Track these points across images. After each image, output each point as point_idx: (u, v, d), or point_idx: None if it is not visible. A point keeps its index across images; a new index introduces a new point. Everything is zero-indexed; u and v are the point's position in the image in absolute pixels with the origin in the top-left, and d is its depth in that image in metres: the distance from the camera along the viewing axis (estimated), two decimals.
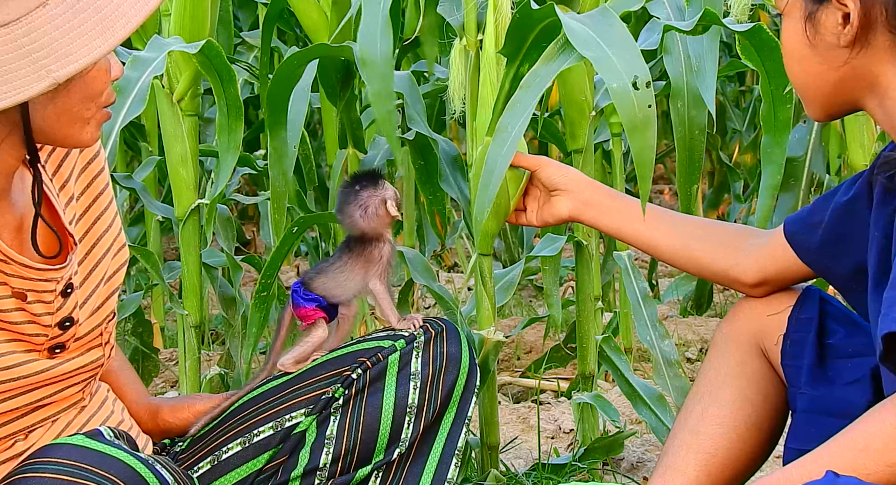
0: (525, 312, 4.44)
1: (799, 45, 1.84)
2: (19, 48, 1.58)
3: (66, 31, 1.60)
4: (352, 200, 2.19)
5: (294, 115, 2.87)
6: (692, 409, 2.03)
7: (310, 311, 2.20)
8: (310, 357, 2.20)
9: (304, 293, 2.21)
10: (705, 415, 2.01)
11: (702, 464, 1.98)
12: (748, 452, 2.05)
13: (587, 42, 2.02)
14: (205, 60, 2.67)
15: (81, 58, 1.59)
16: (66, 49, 1.59)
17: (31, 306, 1.81)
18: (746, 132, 5.43)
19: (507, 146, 2.04)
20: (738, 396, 2.06)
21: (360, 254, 2.20)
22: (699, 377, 2.11)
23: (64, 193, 1.88)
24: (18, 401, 1.83)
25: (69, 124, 1.72)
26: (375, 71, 2.33)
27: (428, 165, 2.95)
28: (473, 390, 2.19)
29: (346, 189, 2.21)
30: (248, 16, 5.29)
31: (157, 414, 2.19)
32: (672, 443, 2.01)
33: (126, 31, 1.63)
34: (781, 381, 2.06)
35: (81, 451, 1.70)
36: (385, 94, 2.35)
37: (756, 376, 2.07)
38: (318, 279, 2.21)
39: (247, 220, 5.81)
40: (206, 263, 3.36)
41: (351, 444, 2.12)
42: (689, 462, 1.98)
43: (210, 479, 2.12)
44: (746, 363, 2.08)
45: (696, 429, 1.99)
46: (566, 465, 2.77)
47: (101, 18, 1.62)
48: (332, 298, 2.21)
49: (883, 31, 1.77)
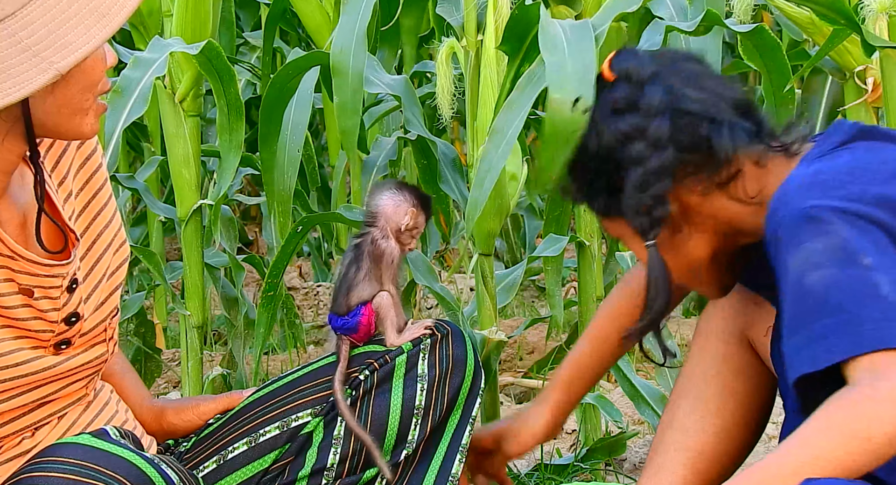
0: (527, 312, 4.44)
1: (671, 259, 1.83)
2: (18, 43, 1.58)
3: (63, 21, 1.59)
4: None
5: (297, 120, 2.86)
6: (678, 406, 2.02)
7: (363, 327, 2.17)
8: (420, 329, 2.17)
9: (344, 320, 2.17)
10: (691, 412, 2.01)
11: (690, 462, 1.97)
12: (736, 446, 2.03)
13: (554, 46, 2.02)
14: (205, 61, 2.67)
15: (82, 47, 1.59)
16: (65, 39, 1.58)
17: (38, 303, 1.81)
18: None
19: (503, 146, 2.04)
20: (724, 391, 2.04)
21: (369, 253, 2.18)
22: (683, 374, 2.08)
23: (62, 190, 1.89)
24: (26, 398, 1.83)
25: (70, 116, 1.71)
26: (346, 84, 2.34)
27: (430, 165, 2.96)
28: (479, 391, 2.19)
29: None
30: (251, 16, 5.29)
31: (161, 416, 2.19)
32: (660, 442, 2.00)
33: (123, 17, 1.62)
34: (770, 372, 2.04)
35: (87, 450, 1.70)
36: (351, 108, 2.36)
37: (743, 370, 2.05)
38: (353, 296, 2.17)
39: (249, 220, 5.81)
40: (209, 263, 3.36)
41: (358, 445, 2.12)
42: (676, 461, 1.97)
43: (216, 478, 2.12)
44: (732, 357, 2.05)
45: (683, 426, 1.99)
46: (569, 465, 2.77)
47: (96, 5, 1.61)
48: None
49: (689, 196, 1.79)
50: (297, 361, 3.85)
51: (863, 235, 1.58)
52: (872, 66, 2.52)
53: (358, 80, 2.35)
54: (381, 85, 2.83)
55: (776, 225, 1.66)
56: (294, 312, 3.99)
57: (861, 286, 1.55)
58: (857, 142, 1.75)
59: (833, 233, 1.59)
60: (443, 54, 2.40)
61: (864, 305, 1.54)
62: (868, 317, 1.53)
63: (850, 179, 1.66)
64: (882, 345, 1.52)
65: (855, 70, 2.55)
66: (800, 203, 1.63)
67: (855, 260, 1.56)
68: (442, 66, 2.39)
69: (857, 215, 1.60)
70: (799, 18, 2.51)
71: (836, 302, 1.55)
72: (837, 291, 1.56)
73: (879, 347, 1.51)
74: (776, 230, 1.66)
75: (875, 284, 1.55)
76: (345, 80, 2.36)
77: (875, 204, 1.62)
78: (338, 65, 2.36)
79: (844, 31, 2.28)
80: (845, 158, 1.71)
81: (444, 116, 2.40)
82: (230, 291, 3.49)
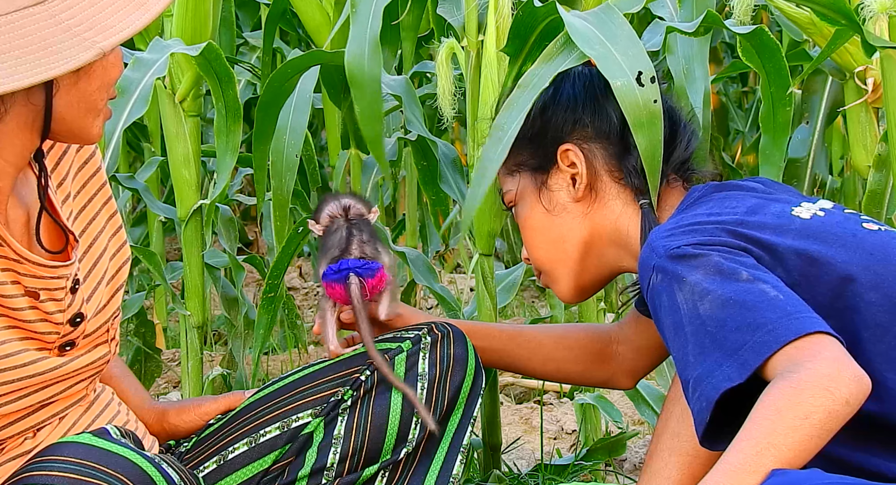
0: (528, 312, 4.44)
1: (539, 218, 2.10)
2: (59, 23, 1.62)
3: (103, 7, 1.65)
4: None
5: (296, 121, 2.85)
6: (671, 411, 2.03)
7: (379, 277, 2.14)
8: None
9: (365, 262, 2.14)
10: (684, 416, 2.01)
11: (685, 466, 1.98)
12: None
13: (590, 39, 2.02)
14: (204, 63, 2.67)
15: (122, 30, 1.64)
16: (106, 23, 1.64)
17: (44, 305, 1.82)
18: (749, 133, 5.43)
19: (502, 145, 2.03)
20: None
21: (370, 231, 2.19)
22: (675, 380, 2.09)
23: (61, 191, 1.90)
24: (31, 399, 1.83)
25: (85, 112, 1.75)
26: (364, 92, 2.31)
27: (430, 165, 2.95)
28: (479, 391, 2.20)
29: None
30: (251, 16, 5.29)
31: (162, 417, 2.19)
32: (654, 447, 2.01)
33: (162, 5, 1.68)
34: None
35: (88, 449, 1.71)
36: (374, 115, 2.31)
37: None
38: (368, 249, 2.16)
39: (249, 220, 5.81)
40: (209, 263, 3.36)
41: (359, 444, 2.12)
42: (671, 465, 1.99)
43: (216, 478, 2.12)
44: None
45: (677, 431, 2.00)
46: (569, 465, 2.77)
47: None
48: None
49: (608, 182, 2.05)
50: (298, 362, 3.85)
51: (732, 258, 1.75)
52: (872, 66, 2.52)
53: (375, 86, 2.29)
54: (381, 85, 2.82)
55: (651, 272, 1.80)
56: (295, 313, 4.00)
57: (750, 296, 1.69)
58: (713, 194, 1.95)
59: (706, 262, 1.74)
60: (443, 55, 2.40)
61: (761, 310, 1.67)
62: (768, 319, 1.66)
63: (707, 220, 1.84)
64: (791, 336, 1.64)
65: (855, 70, 2.55)
66: (667, 248, 1.78)
67: (735, 278, 1.72)
68: (442, 67, 2.39)
69: (721, 245, 1.77)
70: (799, 19, 2.51)
71: (735, 317, 1.68)
72: (732, 307, 1.69)
73: (789, 340, 1.64)
74: (653, 278, 1.79)
75: (762, 291, 1.69)
76: (362, 88, 2.29)
77: (733, 235, 1.80)
78: (353, 74, 2.27)
79: (846, 32, 2.28)
80: (702, 208, 1.91)
81: (446, 117, 2.40)
82: (230, 291, 3.49)
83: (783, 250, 1.79)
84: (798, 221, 1.84)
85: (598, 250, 2.09)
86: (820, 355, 1.61)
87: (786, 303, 1.68)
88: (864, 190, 2.57)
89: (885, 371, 1.74)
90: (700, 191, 1.99)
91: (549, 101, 2.08)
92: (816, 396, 1.57)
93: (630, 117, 1.97)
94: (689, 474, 1.97)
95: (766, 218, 1.84)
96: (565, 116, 2.07)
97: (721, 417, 1.68)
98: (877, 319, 1.76)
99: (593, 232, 2.07)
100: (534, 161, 2.09)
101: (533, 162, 2.09)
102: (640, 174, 2.02)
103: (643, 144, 1.97)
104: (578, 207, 2.07)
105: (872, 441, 1.76)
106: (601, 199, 2.06)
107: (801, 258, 1.78)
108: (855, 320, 1.76)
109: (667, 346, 1.79)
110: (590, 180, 2.05)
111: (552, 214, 2.09)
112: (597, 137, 2.06)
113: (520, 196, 2.12)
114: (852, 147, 2.64)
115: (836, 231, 1.82)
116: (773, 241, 1.80)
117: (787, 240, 1.80)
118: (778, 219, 1.84)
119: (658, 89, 1.98)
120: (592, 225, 2.07)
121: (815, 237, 1.81)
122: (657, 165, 1.99)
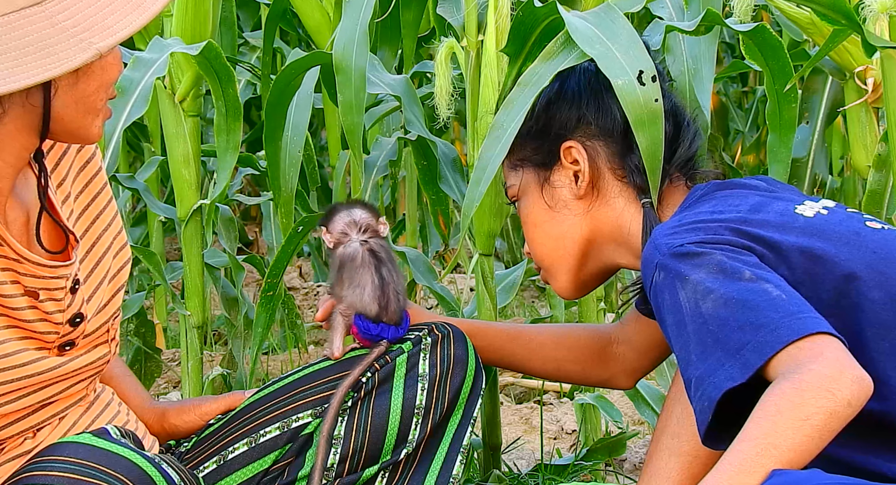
0: (528, 312, 4.44)
1: (540, 213, 2.09)
2: (56, 24, 1.62)
3: (100, 7, 1.65)
4: None
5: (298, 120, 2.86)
6: (671, 411, 2.03)
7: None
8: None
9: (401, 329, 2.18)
10: (685, 416, 2.01)
11: (685, 467, 1.98)
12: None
13: (590, 39, 2.02)
14: (204, 62, 2.67)
15: (119, 31, 1.64)
16: (103, 23, 1.64)
17: (43, 305, 1.82)
18: (749, 133, 5.43)
19: (501, 144, 2.04)
20: None
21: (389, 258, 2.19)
22: (674, 381, 2.09)
23: (61, 192, 1.90)
24: (31, 399, 1.84)
25: (84, 113, 1.75)
26: (349, 82, 2.36)
27: (430, 165, 2.95)
28: (480, 391, 2.20)
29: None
30: (251, 16, 5.29)
31: (162, 418, 2.19)
32: (654, 447, 2.01)
33: (159, 6, 1.68)
34: None
35: (88, 449, 1.71)
36: (356, 105, 2.37)
37: None
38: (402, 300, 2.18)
39: (249, 220, 5.81)
40: (209, 263, 3.37)
41: (359, 444, 2.13)
42: (671, 466, 1.99)
43: (216, 478, 2.13)
44: None
45: (677, 431, 2.00)
46: (569, 465, 2.77)
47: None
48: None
49: (611, 179, 2.06)
50: (298, 362, 3.85)
51: (735, 257, 1.75)
52: (872, 66, 2.52)
53: (361, 77, 2.35)
54: (381, 85, 2.83)
55: (654, 270, 1.79)
56: (295, 313, 3.99)
57: (753, 296, 1.69)
58: (715, 192, 1.95)
59: (709, 260, 1.74)
60: (442, 54, 2.40)
61: (763, 310, 1.67)
62: (771, 319, 1.66)
63: (710, 218, 1.84)
64: (793, 337, 1.63)
65: (855, 70, 2.55)
66: (670, 246, 1.78)
67: (738, 277, 1.71)
68: (441, 67, 2.39)
69: (724, 243, 1.77)
70: (799, 19, 2.51)
71: (737, 316, 1.68)
72: (735, 307, 1.69)
73: (791, 340, 1.63)
74: (655, 276, 1.79)
75: (764, 291, 1.69)
76: (348, 77, 2.37)
77: (736, 234, 1.79)
78: (340, 63, 2.36)
79: (845, 31, 2.28)
80: (705, 206, 1.91)
81: (442, 116, 2.40)
82: (230, 291, 3.49)
83: (787, 248, 1.79)
84: (801, 218, 1.84)
85: (598, 247, 2.09)
86: (822, 356, 1.61)
87: (788, 303, 1.68)
88: (864, 190, 2.57)
89: (888, 369, 1.74)
90: (702, 189, 1.99)
91: (554, 98, 2.08)
92: (818, 397, 1.57)
93: (631, 116, 1.97)
94: (689, 475, 1.98)
95: (769, 216, 1.84)
96: (569, 113, 2.07)
97: (723, 416, 1.68)
98: (880, 317, 1.76)
99: (594, 229, 2.07)
100: (537, 157, 2.09)
101: (536, 158, 2.09)
102: (642, 172, 2.02)
103: (644, 143, 1.98)
104: (580, 204, 2.07)
105: (874, 441, 1.76)
106: (603, 196, 2.06)
107: (804, 256, 1.78)
108: (858, 318, 1.76)
109: (669, 344, 1.79)
110: (592, 178, 2.06)
111: (554, 211, 2.09)
112: (600, 135, 2.06)
113: (522, 191, 2.12)
114: (852, 147, 2.64)
115: (840, 229, 1.82)
116: (777, 238, 1.80)
117: (791, 237, 1.80)
118: (781, 217, 1.84)
119: (659, 88, 1.98)
120: (594, 222, 2.07)
121: (818, 235, 1.81)
122: (658, 163, 1.99)
